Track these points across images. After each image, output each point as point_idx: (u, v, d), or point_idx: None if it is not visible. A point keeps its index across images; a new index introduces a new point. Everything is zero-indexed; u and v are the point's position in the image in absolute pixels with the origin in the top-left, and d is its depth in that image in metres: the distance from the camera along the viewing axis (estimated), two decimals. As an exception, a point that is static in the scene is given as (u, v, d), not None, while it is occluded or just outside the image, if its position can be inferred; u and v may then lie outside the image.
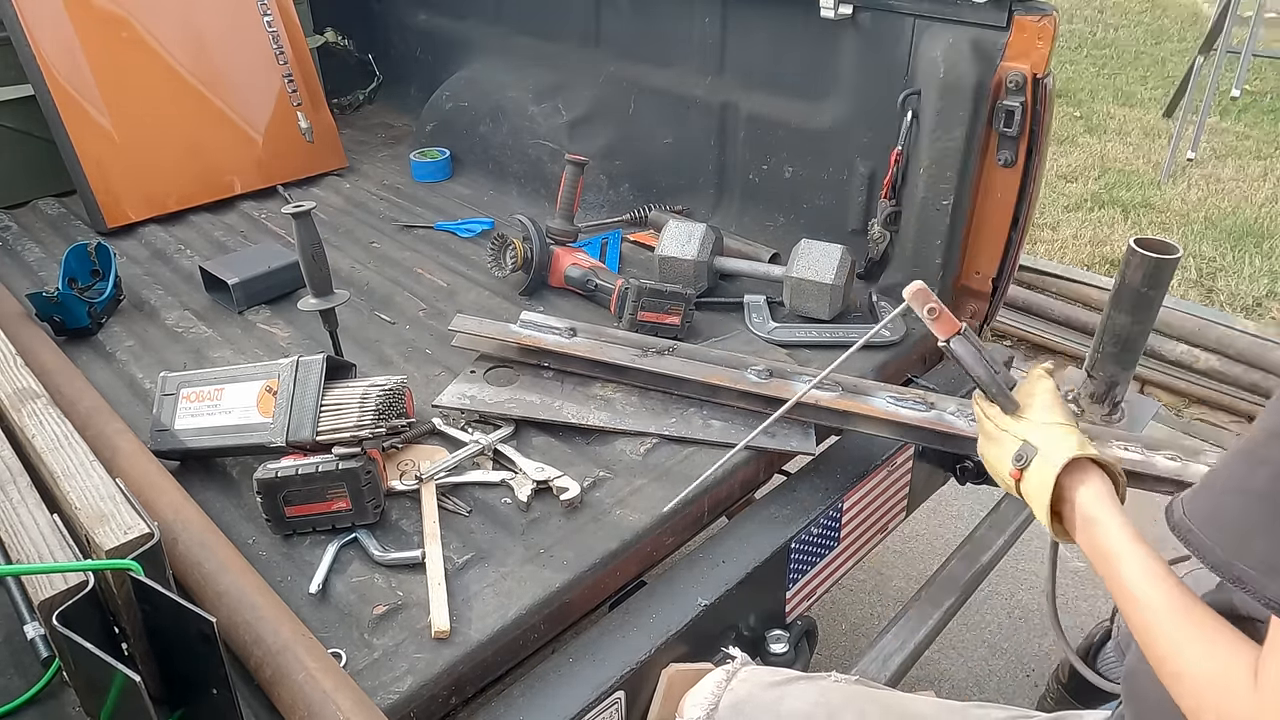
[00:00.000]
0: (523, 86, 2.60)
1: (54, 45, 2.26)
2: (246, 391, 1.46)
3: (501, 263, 2.05)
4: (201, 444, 1.46)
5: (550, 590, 1.28)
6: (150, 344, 1.87)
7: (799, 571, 1.50)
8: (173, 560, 1.16)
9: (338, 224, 2.40)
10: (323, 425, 1.39)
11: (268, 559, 1.33)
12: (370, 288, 2.07)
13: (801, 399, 1.43)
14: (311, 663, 1.06)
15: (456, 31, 2.91)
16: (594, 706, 1.19)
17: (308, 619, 1.20)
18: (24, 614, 1.12)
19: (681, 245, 1.97)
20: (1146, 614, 0.87)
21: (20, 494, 1.10)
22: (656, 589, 1.36)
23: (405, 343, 1.86)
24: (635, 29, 2.36)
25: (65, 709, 1.09)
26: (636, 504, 1.43)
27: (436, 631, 1.20)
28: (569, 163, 2.09)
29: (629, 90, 2.41)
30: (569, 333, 1.68)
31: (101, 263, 2.03)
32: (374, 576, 1.30)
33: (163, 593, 0.96)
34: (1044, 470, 1.02)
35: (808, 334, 1.84)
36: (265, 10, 2.60)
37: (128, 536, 1.01)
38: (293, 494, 1.32)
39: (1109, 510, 0.97)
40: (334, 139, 2.75)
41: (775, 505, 1.51)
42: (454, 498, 1.43)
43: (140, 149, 2.37)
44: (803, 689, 1.24)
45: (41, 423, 1.24)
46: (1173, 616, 0.85)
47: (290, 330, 1.91)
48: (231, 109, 2.53)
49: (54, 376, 1.55)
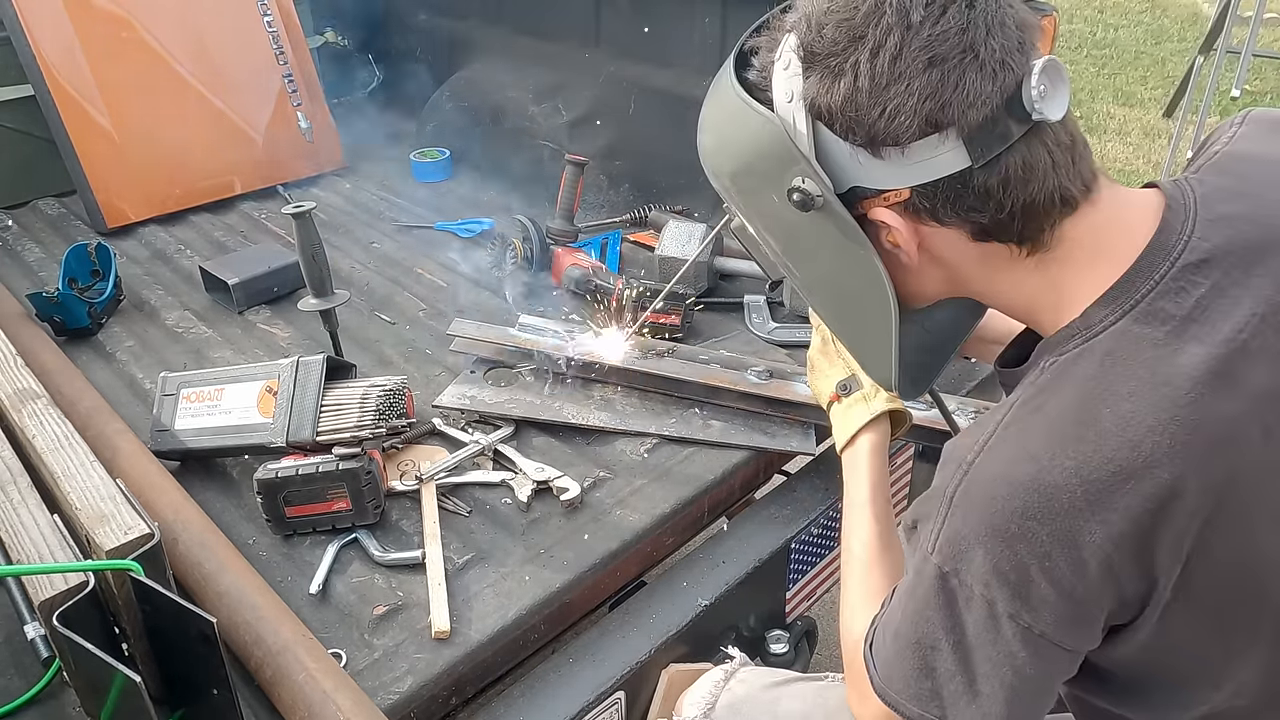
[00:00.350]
0: (523, 86, 2.60)
1: (54, 45, 2.26)
2: (247, 392, 1.46)
3: (501, 263, 2.05)
4: (201, 444, 1.46)
5: (550, 590, 1.28)
6: (150, 344, 1.87)
7: (799, 571, 1.50)
8: (173, 560, 1.16)
9: (338, 224, 2.39)
10: (323, 425, 1.39)
11: (268, 559, 1.33)
12: (370, 288, 2.07)
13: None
14: (312, 663, 1.06)
15: (456, 31, 2.91)
16: (594, 707, 1.19)
17: (308, 619, 1.20)
18: (24, 614, 1.12)
19: (681, 245, 1.97)
20: (844, 564, 1.12)
21: (21, 494, 1.10)
22: (656, 589, 1.36)
23: (405, 343, 1.86)
24: (635, 29, 2.36)
25: (65, 709, 1.09)
26: (636, 504, 1.43)
27: (436, 632, 1.20)
28: (569, 163, 2.08)
29: (629, 90, 2.41)
30: (568, 335, 1.68)
31: (101, 263, 2.03)
32: (374, 577, 1.30)
33: (163, 593, 0.97)
34: (858, 409, 1.21)
35: (808, 334, 1.84)
36: (265, 10, 2.59)
37: (128, 537, 1.01)
38: (293, 494, 1.32)
39: (872, 465, 1.18)
40: (334, 139, 2.75)
41: (775, 505, 1.51)
42: (454, 498, 1.43)
43: (140, 149, 2.37)
44: (800, 689, 1.24)
45: (42, 423, 1.24)
46: (859, 573, 1.08)
47: (290, 330, 1.91)
48: (231, 109, 2.53)
49: (54, 377, 1.55)
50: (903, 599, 0.88)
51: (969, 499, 0.80)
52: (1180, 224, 0.81)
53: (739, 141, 0.91)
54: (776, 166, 0.86)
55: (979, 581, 0.79)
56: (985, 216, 0.81)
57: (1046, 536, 0.76)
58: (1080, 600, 0.78)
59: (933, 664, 0.85)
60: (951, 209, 0.82)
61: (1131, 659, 0.86)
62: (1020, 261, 0.85)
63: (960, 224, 0.83)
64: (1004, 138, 0.78)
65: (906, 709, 0.87)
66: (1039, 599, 0.78)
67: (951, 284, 0.91)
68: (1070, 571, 0.77)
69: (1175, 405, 0.75)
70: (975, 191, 0.80)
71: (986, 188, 0.80)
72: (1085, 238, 0.83)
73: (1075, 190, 0.82)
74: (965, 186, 0.80)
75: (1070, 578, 0.77)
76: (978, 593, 0.80)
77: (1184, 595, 0.79)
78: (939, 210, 0.82)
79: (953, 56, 0.77)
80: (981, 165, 0.79)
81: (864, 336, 1.00)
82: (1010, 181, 0.79)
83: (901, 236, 0.85)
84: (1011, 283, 0.87)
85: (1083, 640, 0.82)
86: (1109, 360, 0.79)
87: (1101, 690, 0.93)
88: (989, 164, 0.79)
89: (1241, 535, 0.78)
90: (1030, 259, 0.84)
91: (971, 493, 0.80)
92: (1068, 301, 0.84)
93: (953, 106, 0.77)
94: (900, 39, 0.77)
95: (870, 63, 0.78)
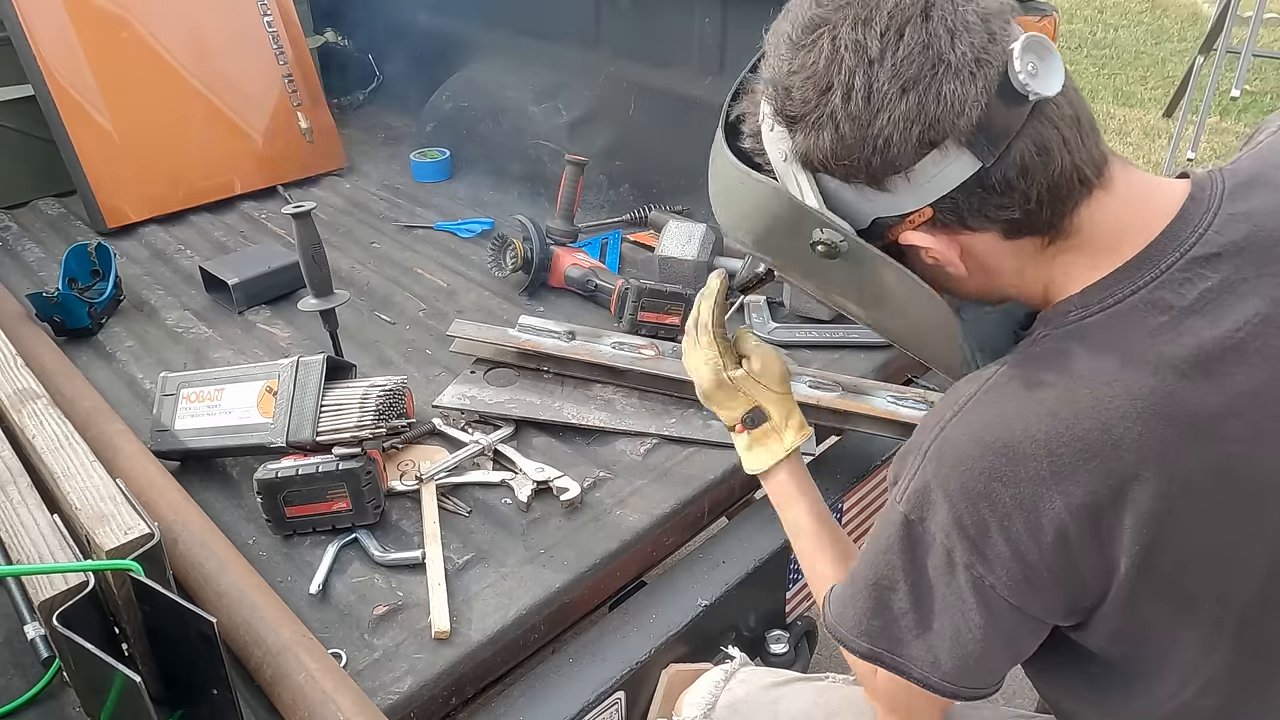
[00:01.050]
0: (523, 86, 2.60)
1: (54, 45, 2.26)
2: (247, 392, 1.46)
3: (501, 263, 2.05)
4: (202, 444, 1.46)
5: (550, 590, 1.28)
6: (150, 344, 1.87)
7: (799, 572, 1.50)
8: (173, 560, 1.16)
9: (338, 224, 2.40)
10: (323, 426, 1.39)
11: (268, 559, 1.33)
12: (370, 288, 2.08)
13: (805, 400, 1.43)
14: (312, 663, 1.06)
15: (456, 31, 2.91)
16: (594, 707, 1.19)
17: (308, 619, 1.20)
18: (24, 614, 1.12)
19: (681, 245, 1.97)
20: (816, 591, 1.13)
21: (21, 494, 1.10)
22: (656, 589, 1.36)
23: (405, 343, 1.86)
24: (635, 29, 2.36)
25: (65, 709, 1.09)
26: (636, 504, 1.43)
27: (437, 632, 1.20)
28: (569, 163, 2.08)
29: (629, 90, 2.41)
30: (567, 336, 1.68)
31: (101, 263, 2.03)
32: (374, 577, 1.30)
33: (163, 593, 0.96)
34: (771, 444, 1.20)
35: (808, 334, 1.84)
36: (265, 10, 2.59)
37: (128, 537, 1.01)
38: (293, 494, 1.32)
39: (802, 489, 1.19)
40: (334, 139, 2.75)
41: (775, 505, 1.51)
42: (454, 498, 1.43)
43: (140, 149, 2.37)
44: (800, 689, 1.24)
45: (42, 423, 1.24)
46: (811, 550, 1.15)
47: (290, 330, 1.91)
48: (231, 109, 2.53)
49: (54, 377, 1.55)
50: (866, 547, 0.93)
51: (941, 454, 0.83)
52: (1200, 215, 0.82)
53: (750, 212, 0.92)
54: (792, 226, 0.87)
55: (941, 530, 0.83)
56: (1015, 211, 0.81)
57: (1009, 499, 0.80)
58: (1032, 564, 0.81)
59: (888, 602, 0.89)
60: (978, 212, 0.82)
61: (1105, 648, 0.88)
62: (1044, 252, 0.85)
63: (991, 225, 0.83)
64: (1008, 129, 0.78)
65: (855, 644, 0.92)
66: (995, 555, 0.82)
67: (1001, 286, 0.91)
68: (1027, 535, 0.80)
69: (1153, 393, 0.77)
70: (997, 189, 0.80)
71: (1006, 181, 0.79)
72: (1101, 225, 0.83)
73: (1089, 170, 0.81)
74: (985, 187, 0.80)
75: (1026, 541, 0.80)
76: (939, 540, 0.84)
77: (1148, 580, 0.80)
78: (966, 217, 0.82)
79: (924, 75, 0.76)
80: (994, 162, 0.78)
81: (935, 351, 1.00)
82: (1028, 168, 0.79)
83: (940, 252, 0.85)
84: (1035, 274, 0.87)
85: (1032, 603, 0.84)
86: (1100, 341, 0.81)
87: (1076, 683, 0.95)
88: (1001, 158, 0.78)
89: (1208, 528, 0.80)
90: (1051, 248, 0.85)
91: (944, 449, 0.83)
92: (1074, 285, 0.85)
93: (941, 121, 0.77)
94: (867, 76, 0.77)
95: (845, 108, 0.78)
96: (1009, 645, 0.88)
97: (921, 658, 0.89)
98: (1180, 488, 0.77)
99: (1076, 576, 0.82)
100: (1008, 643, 0.88)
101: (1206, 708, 0.88)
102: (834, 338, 1.83)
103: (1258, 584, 0.82)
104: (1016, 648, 0.90)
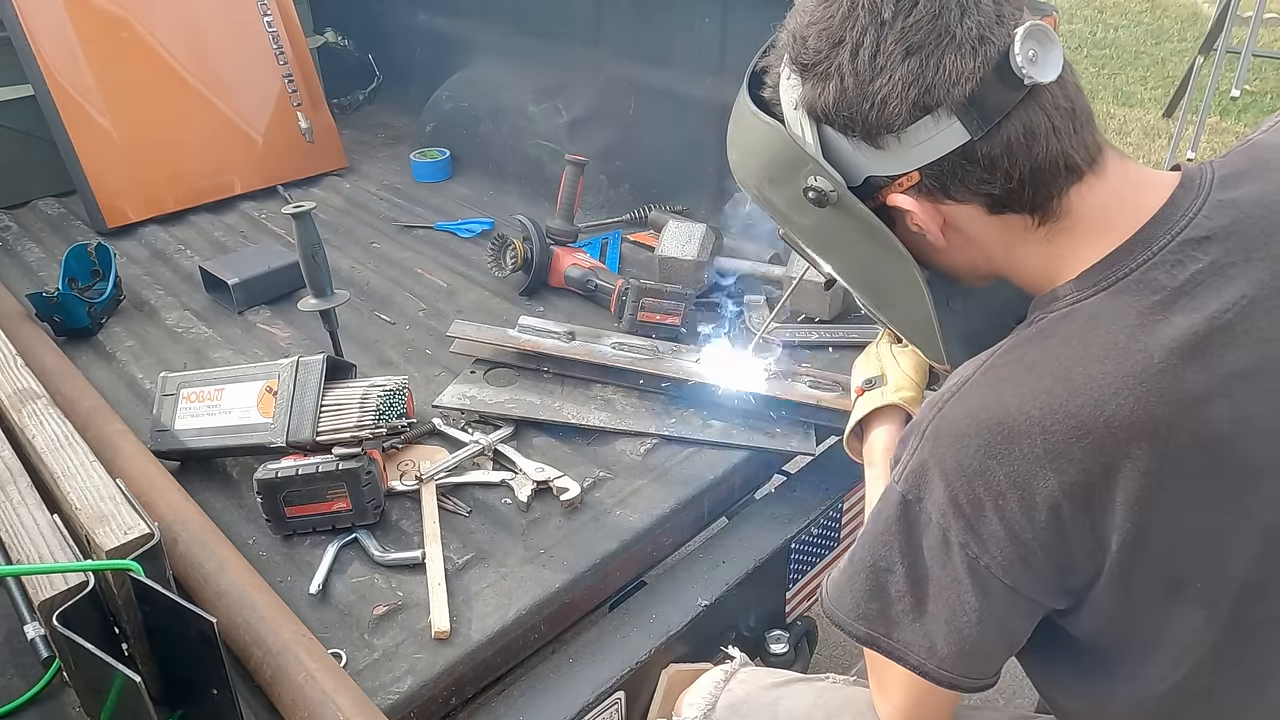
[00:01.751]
0: (523, 86, 2.60)
1: (54, 45, 2.26)
2: (246, 392, 1.46)
3: (501, 263, 2.05)
4: (201, 444, 1.46)
5: (550, 590, 1.28)
6: (150, 344, 1.87)
7: (799, 572, 1.50)
8: (173, 560, 1.16)
9: (338, 224, 2.40)
10: (323, 425, 1.39)
11: (268, 559, 1.33)
12: (370, 288, 2.08)
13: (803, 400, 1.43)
14: (312, 663, 1.06)
15: (456, 31, 2.91)
16: (594, 706, 1.19)
17: (308, 619, 1.20)
18: (24, 614, 1.12)
19: (681, 245, 1.97)
20: None
21: (21, 494, 1.10)
22: (656, 589, 1.36)
23: (405, 343, 1.86)
24: (635, 29, 2.36)
25: (65, 709, 1.09)
26: (636, 504, 1.43)
27: (437, 632, 1.20)
28: (569, 163, 2.08)
29: (629, 90, 2.41)
30: (567, 336, 1.68)
31: (101, 263, 2.03)
32: (374, 577, 1.30)
33: (163, 593, 0.96)
34: (869, 399, 1.25)
35: (808, 334, 1.84)
36: (265, 10, 2.60)
37: (128, 537, 1.01)
38: (293, 494, 1.32)
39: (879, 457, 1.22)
40: (334, 139, 2.75)
41: (775, 505, 1.51)
42: (454, 498, 1.43)
43: (140, 149, 2.37)
44: (800, 690, 1.24)
45: (42, 423, 1.24)
46: None
47: (290, 330, 1.91)
48: (231, 109, 2.53)
49: (54, 377, 1.55)
50: (865, 529, 0.94)
51: (939, 434, 0.85)
52: (1189, 202, 0.84)
53: (757, 153, 0.97)
54: (791, 169, 0.92)
55: (937, 510, 0.85)
56: (996, 187, 0.84)
57: (1004, 477, 0.81)
58: (1026, 543, 0.82)
59: (884, 585, 0.91)
60: (961, 183, 0.85)
61: (1098, 631, 0.89)
62: (1034, 232, 0.88)
63: (973, 198, 0.86)
64: (1000, 107, 0.81)
65: (852, 628, 0.94)
66: (989, 534, 0.83)
67: (987, 261, 0.93)
68: (1021, 513, 0.81)
69: (1146, 371, 0.78)
70: (981, 163, 0.83)
71: (991, 158, 0.82)
72: (1093, 209, 0.85)
73: (1079, 157, 0.84)
74: (970, 160, 0.83)
75: (1020, 519, 0.81)
76: (935, 520, 0.85)
77: (1140, 559, 0.82)
78: (950, 187, 0.85)
79: (928, 43, 0.80)
80: (981, 136, 0.81)
81: (907, 318, 1.03)
82: (1013, 149, 0.82)
83: (922, 219, 0.88)
84: (1025, 254, 0.90)
85: (1026, 582, 0.85)
86: (1093, 322, 0.82)
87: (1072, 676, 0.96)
88: (989, 134, 0.81)
89: (1198, 507, 0.81)
90: (1042, 229, 0.87)
91: (941, 429, 0.85)
92: (1070, 269, 0.87)
93: (937, 88, 0.81)
94: (876, 36, 0.82)
95: (852, 63, 0.83)
96: (1004, 629, 0.89)
97: (918, 643, 0.90)
98: (1171, 465, 0.79)
99: (1069, 554, 0.83)
100: (1003, 626, 0.89)
101: (1198, 688, 0.89)
102: (834, 338, 1.83)
103: (1250, 565, 0.83)
104: (1011, 633, 0.90)
